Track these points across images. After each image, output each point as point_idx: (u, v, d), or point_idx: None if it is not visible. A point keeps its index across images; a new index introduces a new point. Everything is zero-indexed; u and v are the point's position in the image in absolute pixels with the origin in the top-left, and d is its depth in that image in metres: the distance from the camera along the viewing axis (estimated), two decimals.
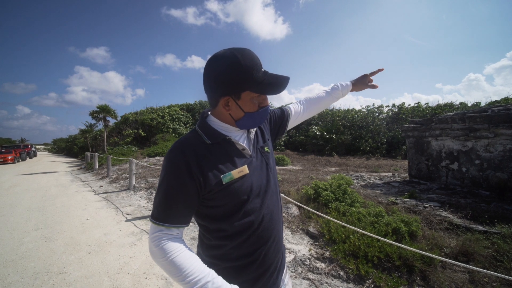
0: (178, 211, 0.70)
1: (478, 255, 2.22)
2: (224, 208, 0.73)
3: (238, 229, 0.74)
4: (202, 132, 0.76)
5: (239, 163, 0.75)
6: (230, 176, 0.71)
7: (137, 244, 3.11)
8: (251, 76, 0.70)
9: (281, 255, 0.87)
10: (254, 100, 0.75)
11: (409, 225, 2.64)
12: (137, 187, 6.42)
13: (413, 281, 2.06)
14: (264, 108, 0.77)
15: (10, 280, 2.34)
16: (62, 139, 46.80)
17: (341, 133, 14.02)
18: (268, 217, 0.79)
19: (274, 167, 0.89)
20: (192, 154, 0.70)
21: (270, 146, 0.92)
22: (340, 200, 3.55)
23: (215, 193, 0.71)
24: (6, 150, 19.12)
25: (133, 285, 2.24)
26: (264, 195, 0.79)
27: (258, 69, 0.71)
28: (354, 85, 1.17)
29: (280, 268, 0.85)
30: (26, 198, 5.83)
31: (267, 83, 0.72)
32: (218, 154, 0.74)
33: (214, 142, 0.75)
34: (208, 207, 0.74)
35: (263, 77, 0.72)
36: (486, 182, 4.35)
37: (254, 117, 0.77)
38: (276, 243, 0.82)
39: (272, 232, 0.80)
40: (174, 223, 0.70)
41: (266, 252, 0.78)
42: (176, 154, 0.71)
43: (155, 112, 18.87)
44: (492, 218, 2.93)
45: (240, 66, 0.69)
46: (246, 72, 0.69)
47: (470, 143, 4.62)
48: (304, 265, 2.43)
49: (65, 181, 8.58)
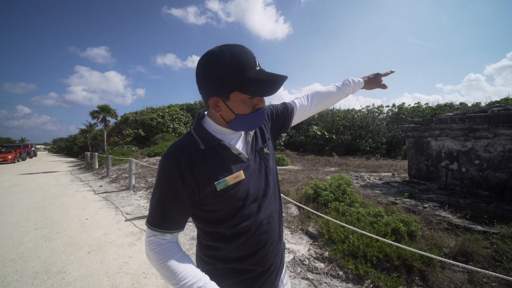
0: (171, 217, 0.69)
1: (477, 255, 2.22)
2: (220, 212, 0.72)
3: (235, 233, 0.73)
4: (197, 136, 0.73)
5: (234, 169, 0.72)
6: (224, 183, 0.69)
7: (137, 243, 3.11)
8: (240, 76, 0.63)
9: (280, 255, 0.86)
10: (246, 101, 0.68)
11: (409, 225, 2.64)
12: (136, 187, 6.42)
13: (412, 281, 2.06)
14: (260, 110, 0.71)
15: (9, 279, 2.34)
16: (62, 138, 46.81)
17: (341, 133, 14.02)
18: (266, 221, 0.77)
19: (275, 168, 0.86)
20: (185, 161, 0.68)
21: (271, 146, 0.88)
22: (340, 200, 3.55)
23: (209, 199, 0.70)
24: (6, 149, 19.10)
25: (132, 285, 2.24)
26: (262, 199, 0.77)
27: (249, 67, 0.64)
28: (366, 83, 1.10)
29: (279, 268, 0.84)
30: (25, 198, 5.83)
31: (259, 83, 0.64)
32: (212, 160, 0.71)
33: (209, 147, 0.71)
34: (204, 211, 0.73)
35: (255, 76, 0.64)
36: (485, 182, 4.35)
37: (247, 120, 0.71)
38: (275, 245, 0.81)
39: (271, 235, 0.79)
40: (167, 228, 0.70)
41: (265, 254, 0.77)
42: (169, 161, 0.69)
43: (155, 112, 18.87)
44: (491, 218, 2.93)
45: (227, 64, 0.63)
46: (234, 71, 0.63)
47: (469, 143, 4.62)
48: (303, 265, 2.43)
49: (65, 180, 8.59)
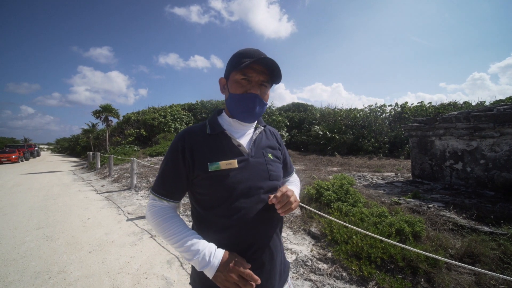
0: (170, 186, 0.80)
1: (484, 257, 2.17)
2: (209, 197, 0.77)
3: (224, 225, 0.75)
4: (208, 124, 0.85)
5: (230, 157, 0.78)
6: (216, 166, 0.75)
7: (138, 243, 3.10)
8: (239, 60, 0.79)
9: (277, 272, 0.81)
10: (240, 82, 0.79)
11: (413, 226, 2.59)
12: (138, 187, 6.42)
13: (418, 282, 2.02)
14: (250, 94, 0.78)
15: (11, 279, 2.33)
16: (65, 138, 47.14)
17: (343, 132, 13.94)
18: (254, 223, 0.75)
19: (278, 178, 0.85)
20: (189, 140, 0.79)
21: (278, 157, 0.90)
22: (343, 200, 3.51)
23: (201, 180, 0.77)
24: (10, 149, 19.27)
25: (134, 285, 2.23)
26: (257, 200, 0.76)
27: (250, 57, 0.78)
28: None
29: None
30: (28, 197, 5.86)
31: (247, 57, 0.78)
32: (213, 144, 0.80)
33: (213, 133, 0.81)
34: (196, 193, 0.80)
35: (250, 58, 0.78)
36: (491, 182, 4.28)
37: (237, 100, 0.79)
38: (263, 260, 0.77)
39: (260, 243, 0.76)
40: (165, 196, 0.80)
41: (253, 257, 0.75)
42: (177, 139, 0.81)
43: (156, 112, 18.92)
44: (498, 219, 2.88)
45: (235, 54, 0.82)
46: (237, 58, 0.80)
47: (475, 142, 4.55)
48: (306, 266, 2.40)
49: (68, 180, 8.62)
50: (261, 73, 0.79)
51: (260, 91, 0.80)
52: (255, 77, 0.78)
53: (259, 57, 0.76)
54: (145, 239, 3.22)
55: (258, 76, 0.78)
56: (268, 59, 0.75)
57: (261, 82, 0.79)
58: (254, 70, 0.78)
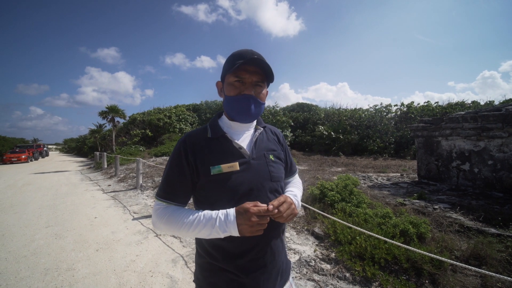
0: (175, 190, 0.79)
1: (491, 259, 2.14)
2: (212, 200, 0.77)
3: None
4: (209, 127, 0.86)
5: (231, 160, 0.78)
6: (218, 169, 0.76)
7: (144, 242, 3.15)
8: (233, 62, 0.78)
9: (278, 274, 0.82)
10: (234, 84, 0.79)
11: (418, 227, 2.57)
12: (144, 186, 6.51)
13: (422, 284, 2.00)
14: (244, 95, 0.79)
15: (22, 275, 2.41)
16: (73, 139, 47.98)
17: (348, 132, 13.83)
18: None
19: (280, 179, 0.86)
20: (191, 144, 0.80)
21: (279, 158, 0.90)
22: (347, 201, 3.50)
23: (204, 183, 0.78)
24: (20, 149, 19.77)
25: (139, 283, 2.27)
26: (257, 200, 0.76)
27: (242, 58, 0.78)
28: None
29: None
30: (38, 196, 6.00)
31: (241, 58, 0.78)
32: (214, 148, 0.81)
33: (214, 136, 0.82)
34: (201, 196, 0.81)
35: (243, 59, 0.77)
36: (499, 183, 4.20)
37: (233, 102, 0.80)
38: (269, 257, 0.78)
39: (258, 244, 0.77)
40: (172, 200, 0.79)
41: (255, 258, 0.76)
42: (180, 144, 0.82)
43: (162, 113, 19.12)
44: (506, 220, 2.82)
45: (229, 56, 0.83)
46: (231, 60, 0.80)
47: (482, 143, 4.47)
48: (309, 266, 2.41)
49: (75, 180, 8.80)
50: (254, 74, 0.78)
51: (255, 91, 0.80)
52: (248, 78, 0.78)
53: (251, 57, 0.76)
54: (150, 238, 3.27)
55: (251, 77, 0.78)
56: (258, 60, 0.75)
57: (255, 83, 0.79)
58: (247, 71, 0.78)
